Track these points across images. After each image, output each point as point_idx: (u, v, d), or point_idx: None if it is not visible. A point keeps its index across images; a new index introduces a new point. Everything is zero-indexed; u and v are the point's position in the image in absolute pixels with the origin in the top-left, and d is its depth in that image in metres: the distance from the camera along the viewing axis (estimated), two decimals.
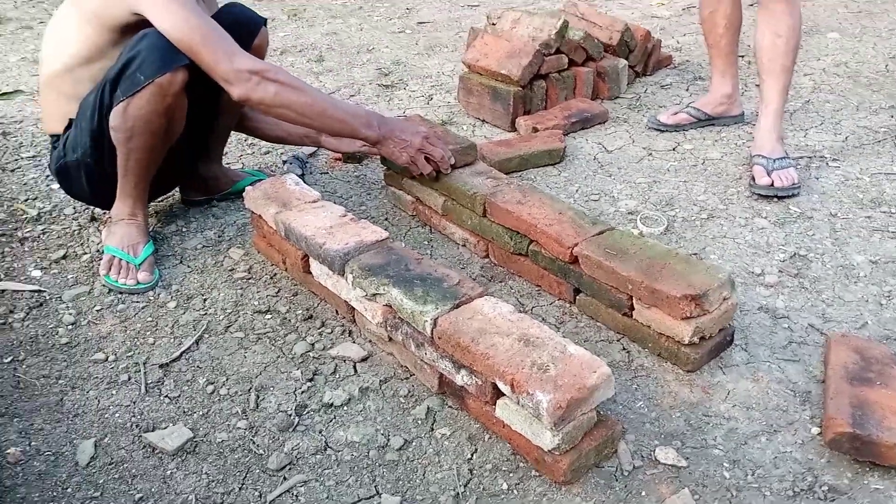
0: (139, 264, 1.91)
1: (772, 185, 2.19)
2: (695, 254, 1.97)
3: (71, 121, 1.93)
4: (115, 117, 1.79)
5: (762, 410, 1.47)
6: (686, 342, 1.54)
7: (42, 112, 2.02)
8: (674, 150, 2.57)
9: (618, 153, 2.56)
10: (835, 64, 3.25)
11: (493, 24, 2.95)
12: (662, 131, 2.70)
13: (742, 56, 2.80)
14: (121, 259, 1.91)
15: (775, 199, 2.20)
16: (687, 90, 3.08)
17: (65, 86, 1.90)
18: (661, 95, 3.04)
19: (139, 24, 1.76)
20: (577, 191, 2.32)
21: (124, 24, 1.79)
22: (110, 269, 1.91)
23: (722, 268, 1.61)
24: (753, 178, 2.24)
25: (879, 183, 2.31)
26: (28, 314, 1.80)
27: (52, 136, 2.00)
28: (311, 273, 1.82)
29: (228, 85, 1.76)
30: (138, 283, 1.89)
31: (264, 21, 2.10)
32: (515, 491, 1.32)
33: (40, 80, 1.96)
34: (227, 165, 2.52)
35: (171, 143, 1.92)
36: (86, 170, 1.93)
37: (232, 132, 2.38)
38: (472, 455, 1.40)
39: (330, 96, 1.97)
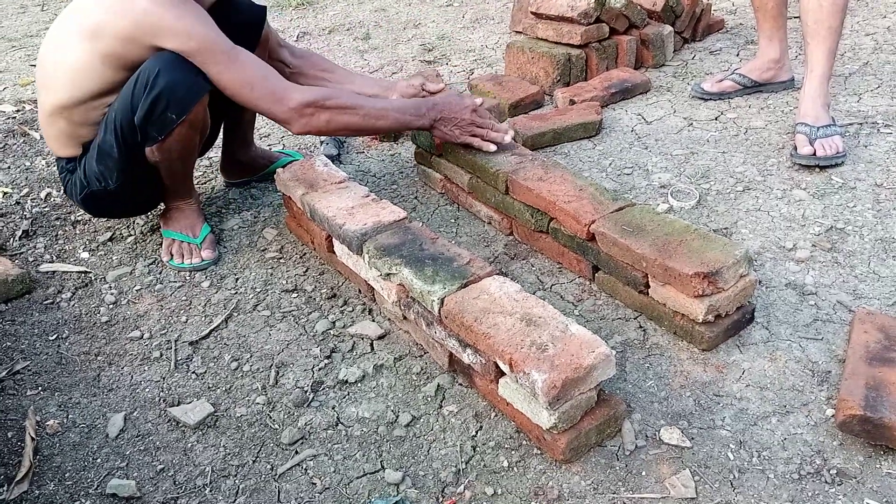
0: (200, 243, 2.00)
1: (814, 154, 2.09)
2: (725, 228, 1.91)
3: (84, 145, 1.91)
4: (152, 154, 1.84)
5: (776, 391, 1.43)
6: (700, 320, 1.51)
7: (47, 137, 1.95)
8: (716, 119, 2.48)
9: (657, 124, 2.49)
10: None
11: None
12: (706, 100, 2.61)
13: (796, 17, 2.66)
14: (181, 241, 2.01)
15: (817, 170, 2.10)
16: (737, 55, 2.96)
17: (76, 115, 1.86)
18: (710, 62, 2.93)
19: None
20: (610, 164, 2.28)
21: (142, 61, 1.78)
22: (172, 253, 2.00)
23: (739, 244, 1.56)
24: (795, 148, 2.14)
25: None
26: (74, 294, 1.92)
27: (62, 158, 1.97)
28: (335, 252, 1.86)
29: (287, 125, 1.83)
30: (203, 260, 1.98)
31: (264, 13, 2.10)
32: (516, 468, 1.34)
33: (43, 106, 1.88)
34: (267, 147, 2.59)
35: (204, 140, 1.99)
36: (116, 196, 1.95)
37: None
38: (476, 432, 1.42)
39: (376, 100, 1.98)
